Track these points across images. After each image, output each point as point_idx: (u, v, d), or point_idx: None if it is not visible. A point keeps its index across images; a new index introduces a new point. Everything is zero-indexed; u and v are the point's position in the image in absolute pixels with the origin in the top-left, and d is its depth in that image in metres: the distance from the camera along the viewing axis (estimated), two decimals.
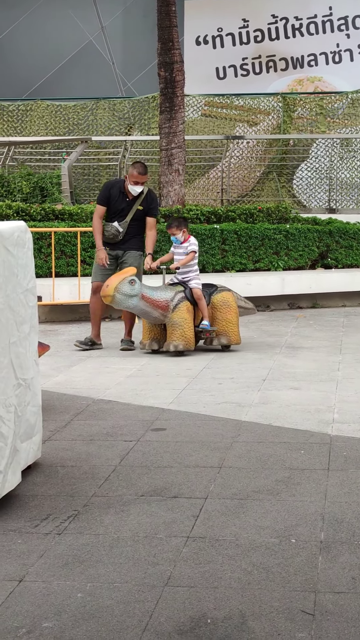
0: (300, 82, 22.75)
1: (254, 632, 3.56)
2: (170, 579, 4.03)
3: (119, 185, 9.81)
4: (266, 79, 22.92)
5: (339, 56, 22.72)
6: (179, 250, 9.65)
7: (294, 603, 3.80)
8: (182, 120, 14.13)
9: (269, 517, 4.75)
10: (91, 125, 20.13)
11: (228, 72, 23.32)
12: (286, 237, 13.63)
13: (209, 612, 3.73)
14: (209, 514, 4.82)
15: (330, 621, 3.65)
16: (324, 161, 17.78)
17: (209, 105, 19.31)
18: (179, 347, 9.23)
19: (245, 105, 19.09)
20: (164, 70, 13.95)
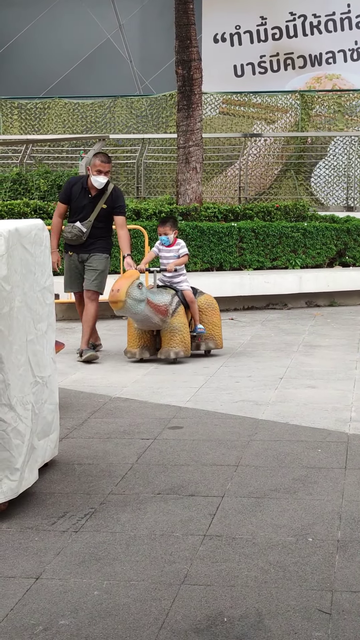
0: (318, 80, 22.68)
1: (270, 631, 3.56)
2: (187, 577, 4.03)
3: (81, 182, 9.03)
4: (284, 77, 22.86)
5: (357, 54, 22.63)
6: (168, 254, 9.02)
7: (310, 602, 3.80)
8: (200, 118, 14.11)
9: (285, 516, 4.74)
10: (109, 123, 20.15)
11: (246, 70, 23.28)
12: (304, 235, 13.59)
13: (226, 611, 3.73)
14: (225, 512, 4.82)
15: (347, 620, 3.64)
16: (341, 159, 17.72)
17: (227, 103, 19.28)
18: (180, 353, 8.70)
19: (263, 103, 19.06)
20: (181, 68, 13.93)
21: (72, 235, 8.87)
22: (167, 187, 17.83)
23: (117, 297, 8.27)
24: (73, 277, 9.05)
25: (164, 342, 8.75)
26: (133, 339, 8.84)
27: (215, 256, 12.82)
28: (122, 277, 8.51)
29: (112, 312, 9.35)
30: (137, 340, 8.81)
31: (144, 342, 8.82)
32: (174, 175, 15.27)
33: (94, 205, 8.91)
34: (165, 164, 18.09)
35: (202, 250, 12.78)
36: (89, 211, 8.90)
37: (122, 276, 8.53)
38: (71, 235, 8.87)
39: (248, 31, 23.61)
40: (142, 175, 18.21)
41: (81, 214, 8.92)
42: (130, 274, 8.49)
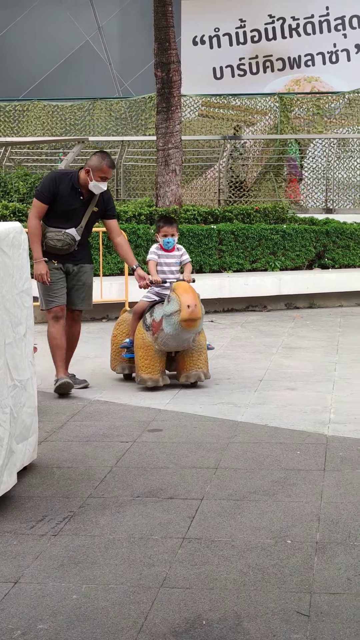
0: (297, 82, 22.75)
1: (249, 634, 3.56)
2: (166, 580, 4.03)
3: (70, 180, 7.62)
4: (263, 79, 22.92)
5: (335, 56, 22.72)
6: (169, 260, 7.98)
7: (289, 604, 3.80)
8: (179, 120, 14.11)
9: (264, 518, 4.75)
10: (88, 125, 20.12)
11: (225, 72, 23.32)
12: (283, 238, 13.62)
13: (204, 614, 3.73)
14: (204, 515, 4.82)
15: (326, 622, 3.65)
16: (321, 161, 17.78)
17: (206, 105, 19.30)
18: (208, 375, 7.84)
19: (242, 105, 19.08)
20: (160, 70, 13.93)
21: (62, 244, 7.58)
22: (146, 189, 17.83)
23: (198, 313, 7.29)
24: (58, 289, 7.67)
25: (187, 363, 7.74)
26: (153, 364, 7.64)
27: (194, 258, 12.81)
28: (182, 289, 7.37)
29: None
30: (158, 365, 7.68)
31: (163, 366, 7.76)
32: (153, 177, 15.27)
33: (85, 208, 7.68)
34: (145, 166, 18.09)
35: None
36: (79, 216, 7.65)
37: (182, 288, 7.38)
38: (62, 244, 7.58)
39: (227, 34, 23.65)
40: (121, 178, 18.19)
41: (71, 218, 7.62)
42: (187, 285, 7.45)
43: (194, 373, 7.72)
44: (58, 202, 7.59)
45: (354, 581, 4.01)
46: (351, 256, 14.25)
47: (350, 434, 6.35)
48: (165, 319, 7.39)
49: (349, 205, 17.52)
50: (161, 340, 7.53)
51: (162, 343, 7.55)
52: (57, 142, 18.80)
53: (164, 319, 7.41)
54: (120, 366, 8.07)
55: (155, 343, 7.59)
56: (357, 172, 17.65)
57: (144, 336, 7.64)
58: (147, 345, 7.61)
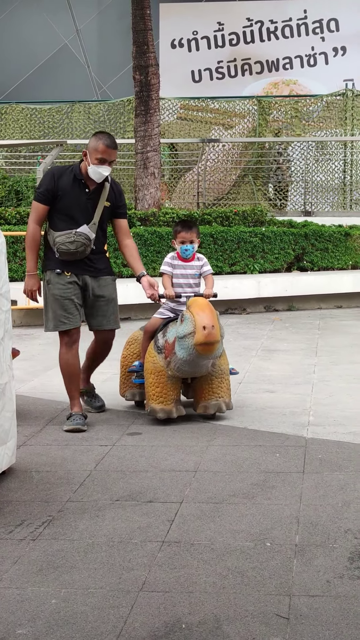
0: (275, 85, 22.81)
1: (228, 637, 3.56)
2: (145, 584, 4.02)
3: (71, 171, 6.62)
4: (242, 82, 22.96)
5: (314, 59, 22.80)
6: (187, 271, 6.87)
7: (268, 607, 3.80)
8: (158, 123, 14.12)
9: (244, 521, 4.75)
10: (66, 128, 20.10)
11: (204, 75, 23.35)
12: (262, 240, 13.65)
13: (184, 617, 3.72)
14: (184, 518, 4.81)
15: (305, 625, 3.65)
16: (299, 164, 17.82)
17: (185, 108, 19.31)
18: (230, 405, 6.83)
19: (221, 108, 19.11)
20: (139, 73, 13.93)
21: (77, 246, 6.51)
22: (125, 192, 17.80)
23: (216, 335, 6.21)
24: (70, 308, 6.58)
25: (205, 391, 6.70)
26: (165, 392, 6.60)
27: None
28: (197, 307, 6.30)
29: None
30: (171, 393, 6.63)
31: (177, 394, 6.69)
32: (132, 180, 15.25)
33: (95, 203, 6.63)
34: (124, 169, 18.07)
35: (161, 255, 12.77)
36: (89, 211, 6.59)
37: (197, 306, 6.32)
38: (76, 246, 6.50)
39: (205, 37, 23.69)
40: None
41: (79, 216, 6.57)
42: (205, 302, 6.37)
43: (213, 403, 6.66)
44: (61, 199, 6.56)
45: (333, 583, 4.01)
46: (329, 259, 14.29)
47: (329, 436, 6.36)
48: (178, 342, 6.32)
49: (327, 208, 17.57)
50: (174, 365, 6.47)
51: (175, 368, 6.48)
52: (35, 145, 18.76)
53: (177, 341, 6.34)
54: (130, 392, 7.13)
55: (168, 368, 6.53)
56: (335, 175, 17.70)
57: (155, 360, 6.61)
58: (159, 370, 6.58)
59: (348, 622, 3.66)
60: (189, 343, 6.22)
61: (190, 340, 6.20)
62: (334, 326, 11.64)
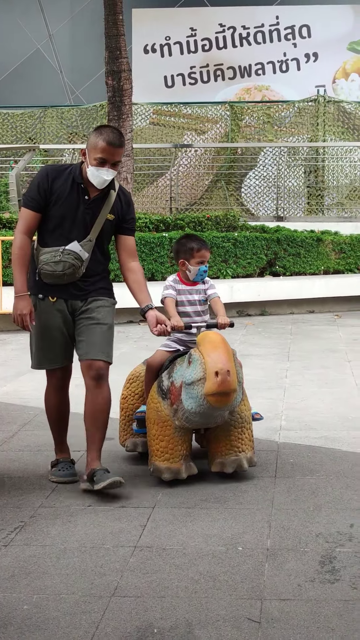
0: (248, 91, 22.89)
1: None
2: (117, 589, 4.03)
3: (69, 173, 5.31)
4: (214, 88, 23.04)
5: (286, 65, 22.92)
6: (193, 296, 5.74)
7: (240, 611, 3.82)
8: (130, 128, 14.14)
9: (216, 525, 4.77)
10: (39, 133, 20.07)
11: (176, 81, 23.41)
12: (234, 245, 13.69)
13: (156, 622, 3.73)
14: (156, 523, 4.83)
15: (276, 628, 3.67)
16: (271, 169, 17.91)
17: (157, 113, 19.36)
18: (254, 461, 5.61)
19: (193, 113, 19.17)
20: (111, 78, 13.95)
21: (63, 268, 5.23)
22: None
23: (233, 384, 5.00)
24: (56, 341, 5.39)
25: (223, 443, 5.47)
26: (172, 447, 5.37)
27: (146, 267, 12.82)
28: (209, 345, 5.08)
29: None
30: (180, 448, 5.38)
31: (187, 449, 5.45)
32: None
33: (95, 214, 5.31)
34: None
35: None
36: (87, 224, 5.29)
37: (209, 343, 5.09)
38: (62, 268, 5.22)
39: (178, 42, 23.75)
40: None
41: (73, 229, 5.28)
42: (218, 338, 5.13)
43: (232, 459, 5.45)
44: (54, 206, 5.26)
45: (304, 587, 4.04)
46: (302, 264, 14.36)
47: (301, 440, 6.39)
48: (186, 389, 5.11)
49: (300, 214, 17.67)
50: (182, 415, 5.25)
51: (184, 418, 5.26)
52: (8, 150, 18.72)
53: (184, 388, 5.13)
54: (132, 442, 5.90)
55: (175, 417, 5.31)
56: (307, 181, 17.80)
57: (159, 407, 5.37)
58: (164, 419, 5.34)
59: (319, 626, 3.68)
60: (198, 392, 5.01)
61: (200, 388, 4.99)
62: (306, 331, 11.69)
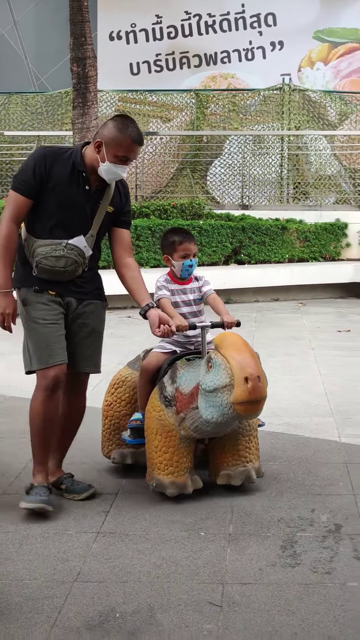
0: (213, 79, 22.86)
1: (161, 625, 3.61)
2: (80, 574, 4.05)
3: (69, 157, 4.81)
4: (180, 76, 22.97)
5: (251, 53, 22.89)
6: (188, 296, 5.33)
7: (202, 595, 3.86)
8: (96, 115, 14.07)
9: (178, 511, 4.80)
10: (3, 119, 19.89)
11: (142, 68, 23.30)
12: (200, 233, 13.71)
13: (118, 607, 3.76)
14: (119, 509, 4.85)
15: (238, 612, 3.71)
16: (236, 158, 17.92)
17: (123, 101, 19.29)
18: (261, 471, 5.23)
19: (159, 101, 19.12)
20: (76, 65, 13.87)
21: (65, 264, 4.80)
22: None
23: (264, 390, 4.58)
24: (57, 334, 4.86)
25: (229, 454, 5.10)
26: (177, 459, 4.95)
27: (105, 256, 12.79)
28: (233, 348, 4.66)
29: None
30: (185, 460, 4.97)
31: (191, 461, 5.04)
32: None
33: (95, 206, 4.89)
34: None
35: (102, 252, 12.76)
36: (88, 217, 4.86)
37: (231, 346, 4.68)
38: (64, 264, 4.80)
39: (144, 29, 23.64)
40: None
41: (73, 222, 4.82)
42: (240, 340, 4.77)
43: (240, 470, 5.06)
44: (51, 194, 4.75)
45: (265, 571, 4.08)
46: (267, 252, 14.42)
47: (265, 427, 6.43)
48: (206, 397, 4.63)
49: (264, 202, 17.71)
50: (191, 424, 4.83)
51: (192, 428, 4.84)
52: None
53: (203, 396, 4.65)
54: (119, 453, 5.42)
55: (181, 427, 4.90)
56: (272, 169, 17.84)
57: (163, 415, 4.95)
58: (168, 430, 4.92)
59: (280, 609, 3.73)
60: (223, 400, 4.53)
61: (226, 396, 4.51)
62: (271, 319, 11.75)
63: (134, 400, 5.38)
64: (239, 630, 3.56)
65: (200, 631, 3.56)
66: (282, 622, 3.62)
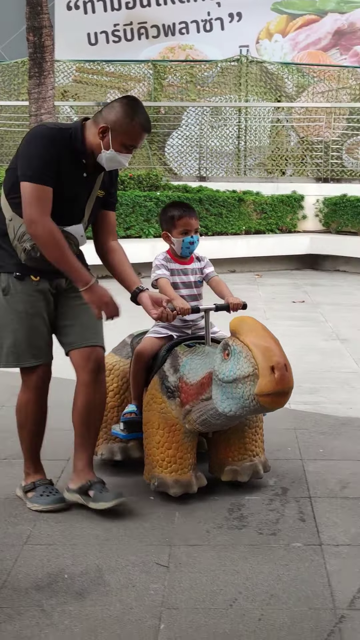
0: (172, 50, 22.79)
1: (109, 585, 3.69)
2: (30, 537, 4.12)
3: (70, 138, 4.33)
4: (138, 46, 22.88)
5: (209, 25, 22.85)
6: (188, 277, 4.95)
7: (149, 556, 3.94)
8: (52, 85, 14.00)
9: (129, 476, 4.87)
10: None
11: (100, 39, 23.17)
12: (157, 205, 13.73)
13: (67, 568, 3.83)
14: (70, 474, 4.90)
15: (184, 572, 3.80)
16: (194, 129, 17.93)
17: (80, 71, 19.19)
18: (268, 466, 4.87)
19: (117, 71, 19.06)
20: (32, 35, 13.77)
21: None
22: None
23: (292, 380, 4.12)
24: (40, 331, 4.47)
25: (235, 448, 4.73)
26: (182, 457, 4.57)
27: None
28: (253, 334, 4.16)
29: None
30: (189, 456, 4.60)
31: (195, 458, 4.65)
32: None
33: (89, 191, 4.50)
34: (18, 131, 17.87)
35: None
36: (83, 204, 4.47)
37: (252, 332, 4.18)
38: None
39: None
40: None
41: (70, 207, 4.41)
42: (260, 325, 4.25)
43: (247, 465, 4.71)
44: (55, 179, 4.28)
45: (212, 533, 4.17)
46: (223, 224, 14.48)
47: None
48: (222, 388, 4.19)
49: (222, 174, 17.74)
50: (198, 417, 4.44)
51: (200, 421, 4.45)
52: None
53: (219, 387, 4.22)
54: (108, 448, 5.02)
55: (186, 420, 4.51)
56: (229, 141, 17.87)
57: (165, 407, 4.57)
58: (171, 423, 4.55)
59: (225, 569, 3.82)
60: (244, 391, 4.08)
61: (248, 387, 4.06)
62: None
63: (123, 391, 4.95)
64: (184, 589, 3.65)
65: (147, 590, 3.64)
66: (227, 581, 3.71)
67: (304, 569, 3.82)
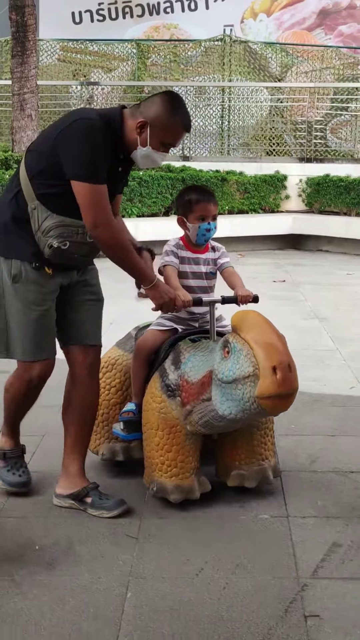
0: (156, 29, 22.71)
1: (79, 555, 3.78)
2: (2, 510, 4.20)
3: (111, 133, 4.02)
4: (122, 25, 22.78)
5: (194, 4, 22.75)
6: (200, 267, 4.56)
7: (119, 528, 4.03)
8: (35, 64, 14.02)
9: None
10: None
11: (84, 17, 23.04)
12: (139, 184, 13.76)
13: (38, 540, 3.92)
14: (46, 450, 5.00)
15: (152, 543, 3.89)
16: None
17: (64, 50, 19.15)
18: (278, 470, 4.57)
19: (100, 51, 19.02)
20: (15, 13, 13.76)
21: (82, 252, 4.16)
22: (2, 134, 17.62)
23: (296, 380, 3.81)
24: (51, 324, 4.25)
25: (242, 450, 4.42)
26: (183, 460, 4.27)
27: None
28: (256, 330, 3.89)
29: None
30: (191, 459, 4.29)
31: (197, 460, 4.34)
32: (9, 122, 15.13)
33: (119, 186, 4.31)
34: (1, 110, 17.85)
35: None
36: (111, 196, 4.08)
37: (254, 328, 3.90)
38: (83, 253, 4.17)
39: None
40: None
41: None
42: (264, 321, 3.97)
43: (255, 469, 4.40)
44: None
45: (181, 506, 4.25)
46: None
47: None
48: (221, 389, 3.94)
49: (205, 153, 17.77)
50: (200, 419, 4.14)
51: (201, 423, 4.15)
52: None
53: (219, 388, 3.96)
54: (109, 448, 4.73)
55: (187, 421, 4.21)
56: (213, 121, 17.88)
57: (165, 407, 4.26)
58: (171, 424, 4.25)
59: (193, 540, 3.92)
60: (244, 393, 3.81)
61: (249, 388, 3.79)
62: None
63: (126, 387, 4.66)
64: (152, 559, 3.74)
65: (116, 561, 3.73)
66: (194, 552, 3.80)
67: (270, 539, 3.92)
